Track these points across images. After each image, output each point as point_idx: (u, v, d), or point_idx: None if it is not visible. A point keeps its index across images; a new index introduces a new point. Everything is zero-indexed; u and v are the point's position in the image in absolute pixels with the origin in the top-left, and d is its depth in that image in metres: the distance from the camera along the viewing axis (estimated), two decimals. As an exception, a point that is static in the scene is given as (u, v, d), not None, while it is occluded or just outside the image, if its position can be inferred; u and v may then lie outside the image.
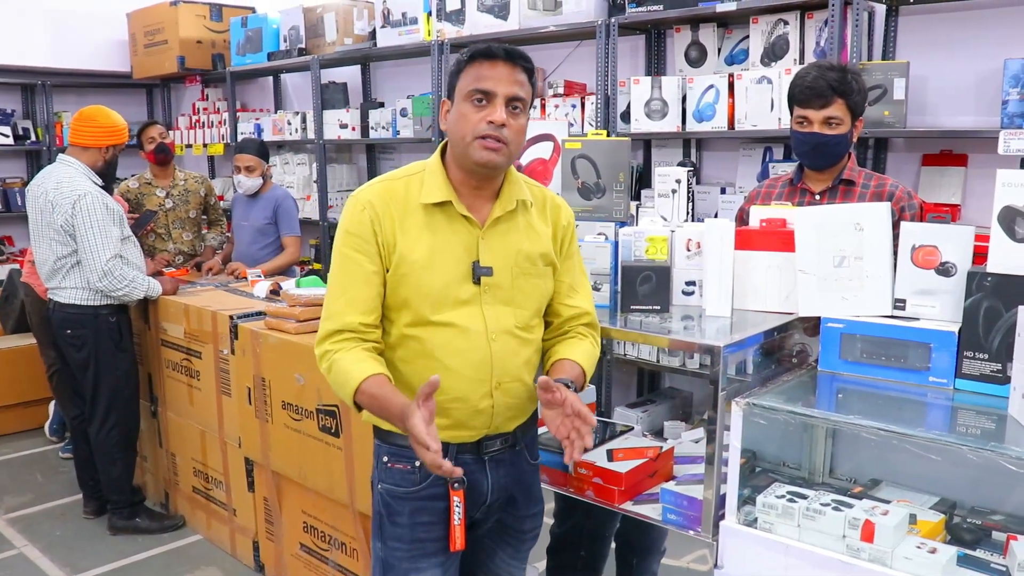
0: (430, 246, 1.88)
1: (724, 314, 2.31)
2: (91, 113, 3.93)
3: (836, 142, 2.60)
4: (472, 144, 1.84)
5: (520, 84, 1.86)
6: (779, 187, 2.81)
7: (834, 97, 2.56)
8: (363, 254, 1.88)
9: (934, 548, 1.79)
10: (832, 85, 2.55)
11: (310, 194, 5.86)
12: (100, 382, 3.92)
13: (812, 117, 2.59)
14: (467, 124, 1.84)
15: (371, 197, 1.90)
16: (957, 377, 2.00)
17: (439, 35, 4.80)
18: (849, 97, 2.57)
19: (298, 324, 3.18)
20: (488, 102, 1.83)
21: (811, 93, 2.58)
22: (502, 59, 1.84)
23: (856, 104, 2.59)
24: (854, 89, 2.58)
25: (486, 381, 1.91)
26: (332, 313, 1.91)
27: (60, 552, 3.93)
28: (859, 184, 2.66)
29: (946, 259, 2.06)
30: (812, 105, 2.58)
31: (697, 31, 4.06)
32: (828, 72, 2.58)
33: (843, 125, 2.58)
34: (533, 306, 1.99)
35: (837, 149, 2.62)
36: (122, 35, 6.95)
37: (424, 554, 1.98)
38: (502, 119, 1.82)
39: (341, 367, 1.86)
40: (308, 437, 3.11)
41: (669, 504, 2.18)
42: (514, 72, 1.85)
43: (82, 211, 3.70)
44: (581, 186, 2.61)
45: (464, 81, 1.86)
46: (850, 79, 2.58)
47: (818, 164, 2.68)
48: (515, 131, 1.86)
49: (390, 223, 1.88)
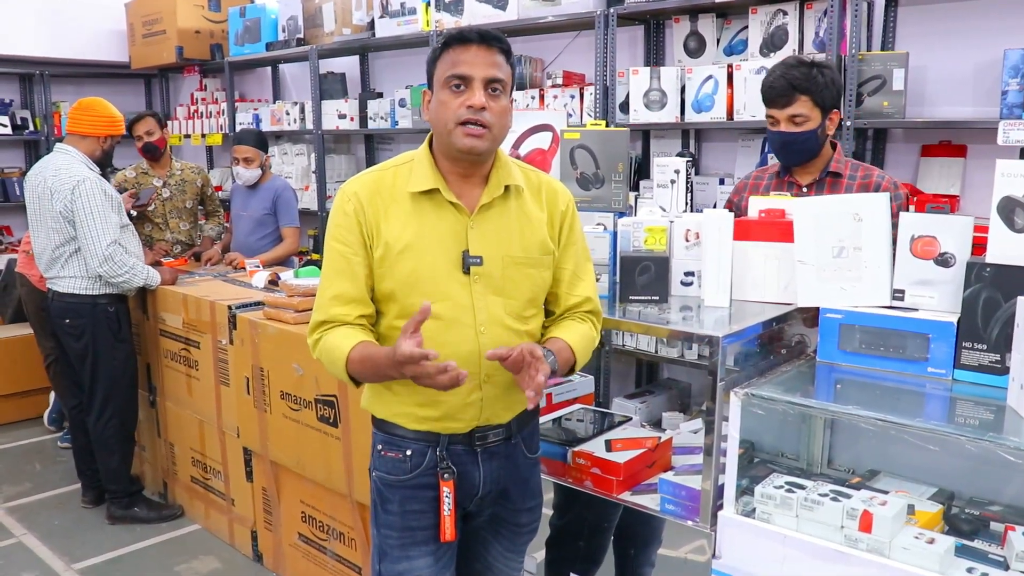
0: (416, 235, 1.86)
1: (723, 305, 2.31)
2: (90, 103, 3.95)
3: (804, 139, 2.64)
4: (454, 131, 1.82)
5: (497, 65, 1.83)
6: (766, 179, 2.85)
7: (795, 95, 2.60)
8: (348, 246, 1.88)
9: (932, 538, 1.80)
10: (793, 83, 2.59)
11: (308, 184, 5.84)
12: (98, 372, 3.93)
13: (778, 116, 2.64)
14: (447, 111, 1.82)
15: (357, 188, 1.90)
16: (956, 368, 2.00)
17: (438, 25, 4.78)
18: (814, 93, 2.60)
19: (296, 314, 3.18)
20: (466, 87, 1.81)
21: (773, 92, 2.64)
22: (476, 42, 1.80)
23: (824, 98, 2.61)
24: (819, 84, 2.60)
25: (474, 374, 1.88)
26: (320, 304, 1.92)
27: (59, 541, 3.94)
28: (846, 176, 2.70)
29: (945, 249, 2.06)
30: (776, 104, 2.64)
31: (696, 21, 4.04)
32: (791, 70, 2.61)
33: (810, 121, 2.62)
34: (526, 296, 1.94)
35: (806, 146, 2.67)
36: (120, 25, 6.93)
37: (415, 542, 1.98)
38: (481, 102, 1.80)
39: (329, 346, 1.87)
40: (306, 427, 3.11)
41: (667, 494, 2.19)
42: (490, 54, 1.82)
43: (81, 196, 3.70)
44: (580, 176, 2.61)
45: (441, 68, 1.84)
46: (815, 74, 2.60)
47: (790, 161, 2.74)
48: (497, 113, 1.83)
49: (374, 213, 1.87)
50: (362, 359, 1.82)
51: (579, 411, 2.78)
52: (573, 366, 1.98)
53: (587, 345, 2.01)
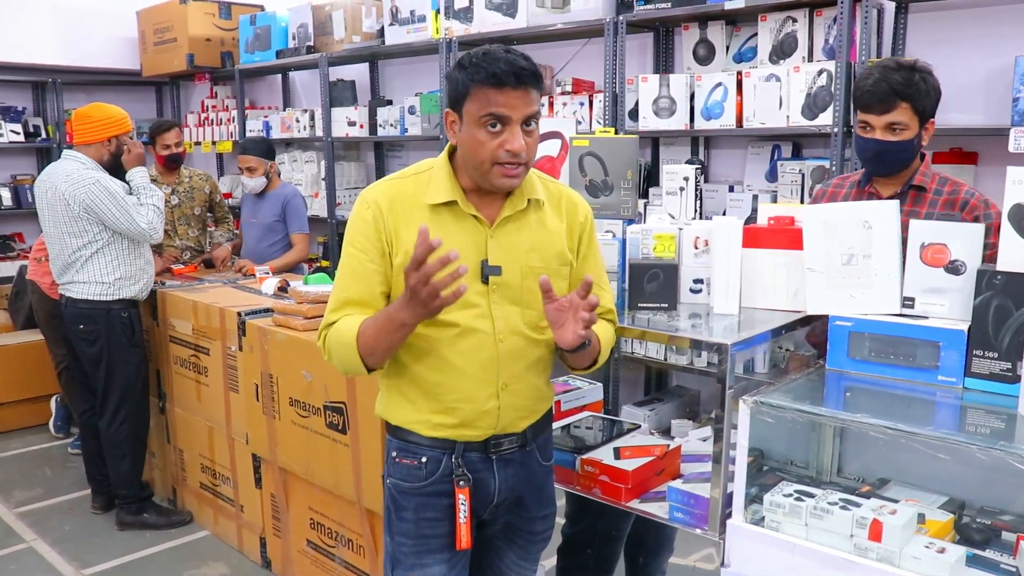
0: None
1: (732, 312, 2.31)
2: (86, 111, 3.95)
3: (900, 149, 2.41)
4: (491, 171, 1.81)
5: (533, 101, 1.80)
6: (847, 188, 2.65)
7: (897, 101, 2.36)
8: (365, 252, 1.89)
9: (943, 548, 1.79)
10: (895, 88, 2.35)
11: (318, 191, 5.86)
12: (112, 377, 3.95)
13: (874, 123, 2.41)
14: (484, 150, 1.80)
15: (376, 196, 1.90)
16: (966, 376, 1.99)
17: (447, 33, 4.80)
18: (915, 100, 2.37)
19: (306, 321, 3.18)
20: (503, 126, 1.78)
21: (872, 98, 2.39)
22: (511, 86, 1.76)
23: (925, 107, 2.39)
24: (921, 91, 2.38)
25: (492, 382, 1.90)
26: (332, 308, 1.92)
27: (69, 546, 3.95)
28: (931, 190, 2.47)
29: (955, 257, 2.06)
30: (873, 110, 2.40)
31: (705, 29, 4.05)
32: (892, 73, 2.37)
33: (908, 130, 2.39)
34: (543, 306, 1.93)
35: (901, 156, 2.44)
36: (132, 33, 6.97)
37: (429, 550, 1.98)
38: (522, 146, 1.78)
39: (338, 332, 1.87)
40: (315, 434, 3.12)
41: (676, 502, 2.18)
42: (527, 94, 1.78)
43: (99, 194, 3.74)
44: (589, 184, 2.61)
45: (473, 105, 1.79)
46: (917, 80, 2.38)
47: (881, 171, 2.52)
48: (532, 146, 1.83)
49: (394, 221, 1.88)
50: (373, 320, 1.82)
51: (588, 418, 2.78)
52: (597, 358, 2.00)
53: (608, 342, 2.04)
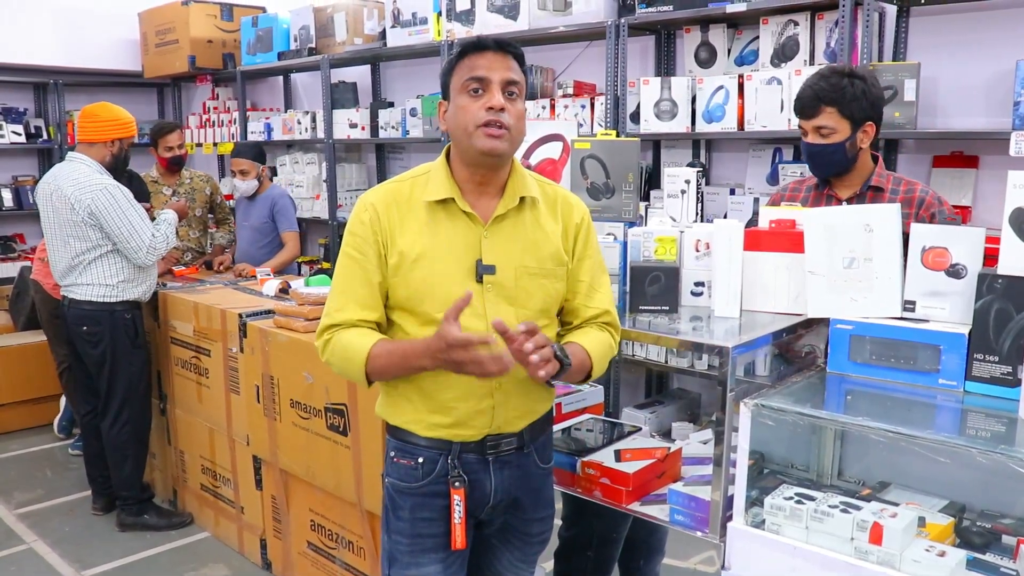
0: (430, 244, 1.88)
1: (733, 315, 2.31)
2: (94, 109, 3.96)
3: (831, 151, 2.57)
4: (475, 133, 1.84)
5: (513, 69, 1.87)
6: (804, 191, 2.77)
7: (821, 107, 2.54)
8: (362, 254, 1.90)
9: (943, 551, 1.79)
10: (819, 94, 2.54)
11: (319, 193, 5.87)
12: (116, 378, 3.95)
13: (805, 127, 2.60)
14: (467, 115, 1.85)
15: (374, 199, 1.93)
16: (967, 379, 1.99)
17: (449, 35, 4.80)
18: (841, 105, 2.52)
19: (307, 323, 3.19)
20: (484, 89, 1.84)
21: (799, 104, 2.60)
22: (492, 49, 1.86)
23: (853, 110, 2.53)
24: (848, 95, 2.52)
25: (486, 382, 1.88)
26: (330, 310, 1.93)
27: (69, 548, 3.95)
28: (887, 190, 2.61)
29: (956, 261, 2.05)
30: (803, 115, 2.59)
31: (707, 32, 4.05)
32: (820, 80, 2.55)
33: (836, 134, 2.54)
34: (538, 306, 1.95)
35: (833, 158, 2.59)
36: (133, 34, 6.98)
37: (424, 549, 1.99)
38: (501, 103, 1.83)
39: (343, 345, 1.88)
40: (316, 435, 3.12)
41: (677, 505, 2.18)
42: (505, 59, 1.86)
43: (107, 200, 3.74)
44: (590, 186, 2.61)
45: (458, 75, 1.88)
46: (844, 84, 2.52)
47: (817, 173, 2.69)
48: (515, 116, 1.87)
49: (390, 223, 1.89)
50: (388, 352, 1.84)
51: (588, 421, 2.78)
52: (590, 372, 1.98)
53: (604, 352, 2.02)
